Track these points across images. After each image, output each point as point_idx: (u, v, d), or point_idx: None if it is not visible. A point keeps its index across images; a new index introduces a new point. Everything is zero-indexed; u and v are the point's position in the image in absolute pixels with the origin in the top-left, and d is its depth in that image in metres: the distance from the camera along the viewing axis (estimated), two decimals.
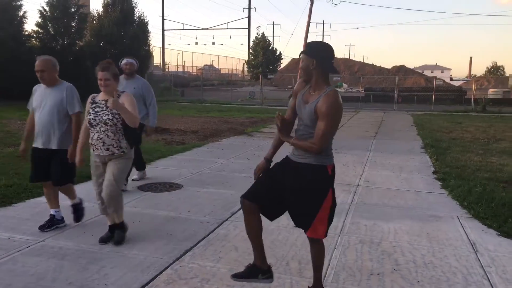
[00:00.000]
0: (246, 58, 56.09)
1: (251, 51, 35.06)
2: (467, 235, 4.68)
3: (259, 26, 63.77)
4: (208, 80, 36.64)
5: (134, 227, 4.66)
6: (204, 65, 62.77)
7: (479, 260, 4.02)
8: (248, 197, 3.11)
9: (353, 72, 51.69)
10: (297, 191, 3.01)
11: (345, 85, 46.46)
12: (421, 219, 5.18)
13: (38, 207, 5.26)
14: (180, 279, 3.51)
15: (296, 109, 3.09)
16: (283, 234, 4.55)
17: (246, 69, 57.23)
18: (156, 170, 7.61)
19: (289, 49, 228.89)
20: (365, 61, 63.30)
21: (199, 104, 25.62)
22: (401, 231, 4.76)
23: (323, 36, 68.67)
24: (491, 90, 32.28)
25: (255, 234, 3.13)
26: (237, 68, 70.60)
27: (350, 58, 74.05)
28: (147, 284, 3.42)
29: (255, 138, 12.03)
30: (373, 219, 5.14)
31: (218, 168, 7.84)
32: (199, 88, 38.20)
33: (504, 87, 44.08)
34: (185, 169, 7.66)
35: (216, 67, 67.16)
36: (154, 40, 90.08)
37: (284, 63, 45.97)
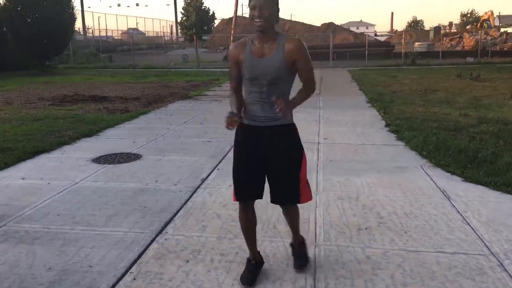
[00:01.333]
0: (174, 20, 54.25)
1: (182, 11, 33.74)
2: (435, 183, 4.84)
3: None
4: (136, 44, 34.95)
5: (102, 202, 4.36)
6: (128, 29, 59.78)
7: (454, 206, 4.16)
8: (242, 198, 2.88)
9: (284, 30, 51.64)
10: (283, 157, 2.81)
11: None
12: (389, 171, 5.29)
13: None
14: (169, 253, 3.33)
15: (247, 71, 2.71)
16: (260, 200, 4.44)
17: (177, 31, 55.41)
18: (107, 140, 7.17)
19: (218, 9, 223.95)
20: (293, 19, 63.13)
21: (132, 69, 24.53)
22: (374, 184, 4.83)
23: None
24: (416, 44, 33.64)
25: (252, 229, 2.99)
26: (165, 31, 68.09)
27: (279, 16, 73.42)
28: (135, 261, 3.21)
29: (201, 102, 11.71)
30: (344, 175, 5.17)
31: (172, 135, 7.54)
32: (127, 53, 36.64)
33: (426, 40, 46.10)
34: (138, 137, 7.28)
35: (141, 30, 64.21)
36: None
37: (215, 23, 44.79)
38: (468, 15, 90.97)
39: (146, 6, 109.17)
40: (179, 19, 36.88)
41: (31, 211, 4.16)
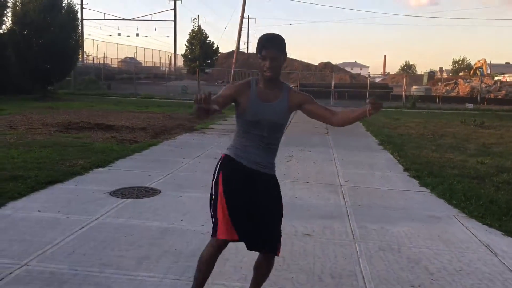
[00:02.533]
0: (172, 51, 54.61)
1: (187, 44, 33.89)
2: (475, 236, 4.63)
3: (195, 18, 60.47)
4: (136, 73, 34.94)
5: (128, 242, 4.07)
6: (125, 57, 60.00)
7: (504, 264, 3.94)
8: (224, 235, 2.74)
9: (282, 68, 52.07)
10: (275, 206, 2.81)
11: None
12: (423, 221, 5.07)
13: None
14: None
15: (251, 113, 2.68)
16: (297, 244, 4.20)
17: (175, 62, 55.82)
18: (121, 172, 6.90)
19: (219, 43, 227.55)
20: (291, 57, 64.10)
21: (133, 98, 24.39)
22: (412, 234, 4.60)
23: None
24: (414, 87, 34.05)
25: (211, 270, 2.87)
26: (164, 62, 68.55)
27: None
28: None
29: (209, 135, 11.52)
30: (377, 222, 4.94)
31: (188, 169, 7.29)
32: (125, 81, 36.57)
33: (419, 84, 46.80)
34: (152, 171, 7.02)
35: (138, 59, 64.30)
36: None
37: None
38: (460, 62, 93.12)
39: (146, 36, 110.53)
40: (183, 51, 37.31)
41: (53, 249, 3.86)
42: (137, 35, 70.07)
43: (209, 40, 34.21)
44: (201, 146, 9.67)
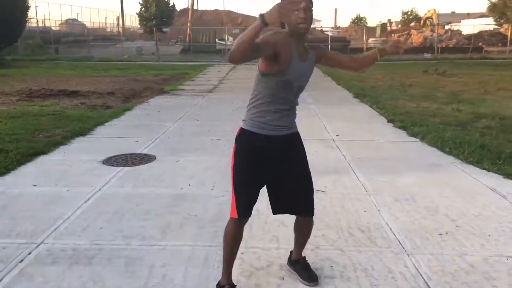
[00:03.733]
0: (119, 11, 52.12)
1: (141, 1, 32.19)
2: (479, 181, 4.74)
3: None
4: (87, 36, 33.06)
5: (143, 211, 3.90)
6: (67, 19, 56.75)
7: None
8: (247, 214, 2.61)
9: (237, 24, 51.22)
10: (302, 164, 2.68)
11: (226, 38, 45.55)
12: (426, 170, 5.15)
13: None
14: (257, 270, 2.97)
15: (293, 74, 2.45)
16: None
17: (123, 22, 53.42)
18: (105, 140, 6.59)
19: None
20: (236, 12, 62.54)
21: (89, 62, 23.24)
22: (421, 184, 4.67)
23: None
24: (371, 39, 34.30)
25: (237, 248, 2.69)
26: (111, 22, 65.38)
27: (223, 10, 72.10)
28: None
29: (183, 97, 11.17)
30: (384, 174, 4.97)
31: (175, 133, 7.05)
32: (72, 44, 34.68)
33: (373, 37, 47.30)
34: (138, 136, 6.73)
35: (82, 21, 60.81)
36: None
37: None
38: (409, 13, 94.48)
39: None
40: (136, 11, 35.47)
41: (66, 224, 3.63)
42: None
43: None
44: (178, 108, 9.37)
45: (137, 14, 34.85)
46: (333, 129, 7.27)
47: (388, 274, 2.91)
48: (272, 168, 2.58)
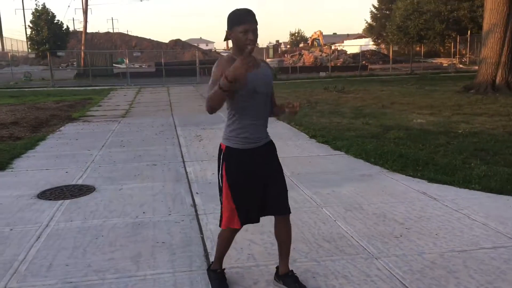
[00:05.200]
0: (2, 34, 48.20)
1: (31, 24, 29.90)
2: (409, 187, 5.26)
3: None
4: None
5: (106, 243, 3.75)
6: None
7: (448, 206, 4.59)
8: (249, 222, 2.95)
9: (131, 47, 50.16)
10: (279, 170, 2.97)
11: (126, 61, 44.67)
12: (360, 180, 5.58)
13: None
14: (253, 284, 3.03)
15: (250, 81, 2.62)
16: (270, 217, 4.31)
17: (3, 46, 49.51)
18: (29, 173, 6.15)
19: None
20: (139, 36, 61.65)
21: None
22: (361, 193, 5.05)
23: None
24: (268, 59, 35.70)
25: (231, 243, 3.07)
26: None
27: (115, 32, 70.43)
28: None
29: (96, 124, 10.72)
30: (326, 187, 5.29)
31: (104, 161, 6.78)
32: None
33: (267, 58, 49.35)
34: (66, 167, 6.38)
35: None
36: None
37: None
38: (296, 35, 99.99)
39: None
40: (23, 34, 32.86)
41: (25, 266, 3.37)
42: None
43: (57, 20, 30.82)
44: (97, 135, 9.01)
45: (27, 38, 32.53)
46: None
47: (367, 278, 3.15)
48: (261, 176, 2.83)
